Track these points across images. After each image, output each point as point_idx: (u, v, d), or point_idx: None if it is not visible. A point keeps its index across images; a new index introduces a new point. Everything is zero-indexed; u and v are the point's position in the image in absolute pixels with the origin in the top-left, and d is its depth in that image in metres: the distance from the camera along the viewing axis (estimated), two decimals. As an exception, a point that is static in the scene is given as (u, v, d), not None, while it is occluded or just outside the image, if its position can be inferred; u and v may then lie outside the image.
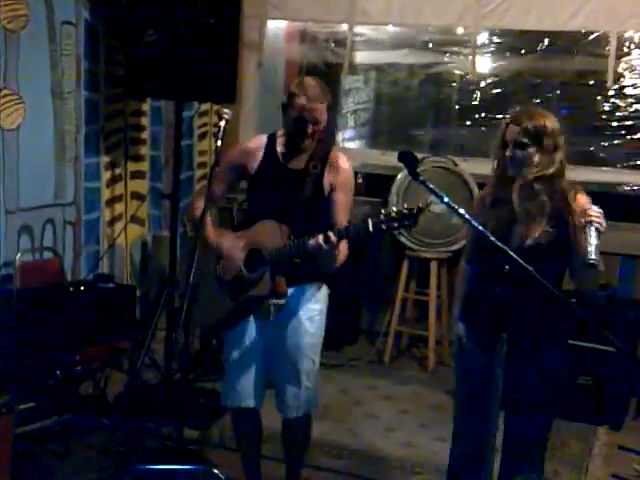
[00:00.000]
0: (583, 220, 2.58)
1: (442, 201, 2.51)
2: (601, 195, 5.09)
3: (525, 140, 2.76)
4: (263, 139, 3.25)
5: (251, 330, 3.24)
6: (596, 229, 2.55)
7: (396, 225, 2.77)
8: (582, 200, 2.78)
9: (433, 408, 4.71)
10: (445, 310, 5.55)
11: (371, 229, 2.78)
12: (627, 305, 4.88)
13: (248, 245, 3.12)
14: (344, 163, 3.22)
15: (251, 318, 3.22)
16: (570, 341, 4.20)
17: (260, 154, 3.20)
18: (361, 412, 4.72)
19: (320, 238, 2.89)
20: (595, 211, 2.60)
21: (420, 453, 4.18)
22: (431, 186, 2.53)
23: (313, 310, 3.25)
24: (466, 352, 3.01)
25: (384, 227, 2.77)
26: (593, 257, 2.49)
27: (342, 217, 3.18)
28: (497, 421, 2.75)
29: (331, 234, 2.89)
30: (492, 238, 2.51)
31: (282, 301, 3.12)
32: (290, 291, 3.14)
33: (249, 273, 3.12)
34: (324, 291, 3.30)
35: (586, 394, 4.56)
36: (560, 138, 2.79)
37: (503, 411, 2.82)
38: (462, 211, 2.53)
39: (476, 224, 2.54)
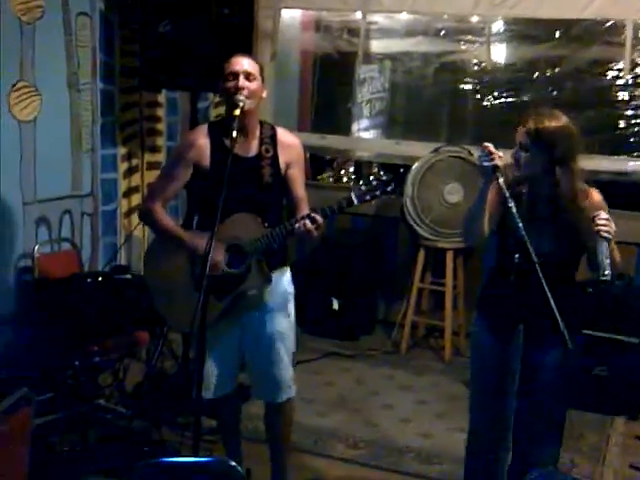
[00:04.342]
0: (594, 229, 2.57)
1: (508, 204, 2.55)
2: (618, 184, 5.16)
3: (527, 142, 2.72)
4: (205, 131, 3.20)
5: (232, 322, 3.23)
6: (606, 239, 2.54)
7: (378, 193, 2.95)
8: (596, 197, 2.78)
9: (450, 398, 4.71)
10: (461, 300, 5.55)
11: (356, 202, 2.94)
12: (644, 294, 4.86)
13: (225, 242, 3.06)
14: (293, 138, 3.27)
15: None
16: (586, 331, 4.25)
17: (208, 147, 3.14)
18: (378, 402, 4.72)
19: (307, 222, 2.93)
20: (602, 219, 2.58)
21: (437, 443, 4.18)
22: (502, 183, 2.61)
23: (289, 293, 3.30)
24: (481, 342, 3.01)
25: (368, 197, 2.95)
26: (606, 273, 2.50)
27: (302, 191, 3.23)
28: (513, 411, 2.76)
29: (317, 215, 2.95)
30: (519, 224, 2.52)
31: (269, 285, 3.16)
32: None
33: (234, 269, 3.10)
34: (289, 274, 3.34)
35: (603, 384, 4.55)
36: (573, 144, 2.72)
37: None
38: (511, 205, 2.56)
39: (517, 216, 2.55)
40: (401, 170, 3.01)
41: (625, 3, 5.10)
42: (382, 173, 2.96)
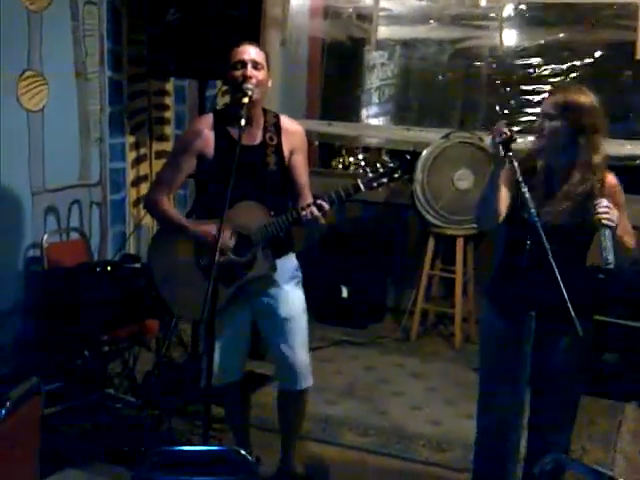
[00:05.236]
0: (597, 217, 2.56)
1: (521, 188, 2.54)
2: (630, 168, 5.11)
3: (554, 112, 2.71)
4: (210, 120, 3.18)
5: (240, 310, 3.23)
6: (608, 227, 2.53)
7: (386, 180, 2.97)
8: (611, 181, 2.77)
9: (460, 385, 4.69)
10: (471, 287, 5.53)
11: (362, 188, 2.95)
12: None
13: (233, 230, 3.07)
14: (296, 125, 3.27)
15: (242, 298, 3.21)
16: (598, 317, 4.22)
17: (212, 136, 3.13)
18: (387, 390, 4.71)
19: (314, 209, 2.95)
20: (602, 207, 2.56)
21: (447, 430, 4.17)
22: (516, 166, 2.58)
23: (296, 278, 3.29)
24: (491, 329, 2.99)
25: (375, 184, 2.97)
26: (609, 260, 2.49)
27: (305, 178, 3.24)
28: (525, 398, 2.74)
29: (324, 203, 2.96)
30: (532, 209, 2.50)
31: (274, 272, 3.15)
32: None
33: (241, 257, 3.09)
34: (295, 259, 3.34)
35: (614, 370, 4.52)
36: (599, 120, 2.72)
37: (529, 388, 2.80)
38: (525, 190, 2.54)
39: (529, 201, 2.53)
40: (408, 156, 2.97)
41: (638, -14, 5.04)
42: (388, 159, 2.94)
